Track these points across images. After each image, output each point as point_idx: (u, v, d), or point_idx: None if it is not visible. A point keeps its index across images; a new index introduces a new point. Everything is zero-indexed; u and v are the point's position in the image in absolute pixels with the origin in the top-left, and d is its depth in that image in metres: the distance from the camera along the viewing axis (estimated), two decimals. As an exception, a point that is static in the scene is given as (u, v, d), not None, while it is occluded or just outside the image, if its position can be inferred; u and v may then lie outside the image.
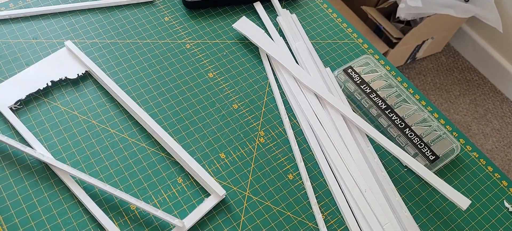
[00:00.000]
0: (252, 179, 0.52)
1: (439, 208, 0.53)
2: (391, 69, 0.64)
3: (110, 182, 0.49)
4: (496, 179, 0.56)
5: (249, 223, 0.49)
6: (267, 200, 0.50)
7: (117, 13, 0.63)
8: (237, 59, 0.61)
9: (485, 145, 1.46)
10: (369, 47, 0.66)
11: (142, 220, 0.47)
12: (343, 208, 0.50)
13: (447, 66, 1.64)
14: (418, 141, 0.55)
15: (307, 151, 0.55)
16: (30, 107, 0.53)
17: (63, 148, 0.50)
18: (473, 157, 0.57)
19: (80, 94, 0.55)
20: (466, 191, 0.54)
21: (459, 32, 1.65)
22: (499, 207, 0.54)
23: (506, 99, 1.58)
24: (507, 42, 1.53)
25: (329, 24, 0.68)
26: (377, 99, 0.58)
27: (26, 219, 0.46)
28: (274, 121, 0.57)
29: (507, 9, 1.47)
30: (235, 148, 0.54)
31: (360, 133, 0.56)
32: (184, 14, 0.65)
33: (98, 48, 0.59)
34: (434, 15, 1.35)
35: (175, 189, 0.50)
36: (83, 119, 0.53)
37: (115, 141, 0.52)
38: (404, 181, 0.54)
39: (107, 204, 0.48)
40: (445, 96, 1.56)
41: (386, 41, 1.42)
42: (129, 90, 0.56)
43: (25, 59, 0.57)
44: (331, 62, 0.64)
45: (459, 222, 0.52)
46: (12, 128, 0.51)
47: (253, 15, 0.66)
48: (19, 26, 0.60)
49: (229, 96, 0.58)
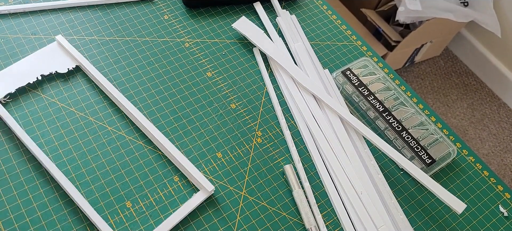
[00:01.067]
0: (248, 179, 0.52)
1: (435, 211, 0.53)
2: (389, 72, 0.64)
3: (106, 180, 0.49)
4: (492, 184, 0.56)
5: (244, 223, 0.49)
6: (263, 200, 0.50)
7: (117, 10, 0.63)
8: (236, 59, 0.62)
9: (482, 150, 1.47)
10: (368, 49, 0.66)
11: (137, 218, 0.47)
12: (339, 210, 0.50)
13: (445, 70, 1.64)
14: (415, 144, 0.55)
15: (304, 152, 0.55)
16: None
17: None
18: (470, 161, 0.58)
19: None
20: (462, 195, 0.55)
21: (457, 37, 1.65)
22: (494, 211, 0.54)
23: (503, 104, 1.59)
24: (505, 47, 1.54)
25: (329, 26, 0.68)
26: (374, 102, 0.58)
27: (21, 213, 0.46)
28: (272, 121, 0.57)
29: (506, 14, 1.47)
30: (232, 148, 0.54)
31: (357, 135, 0.56)
32: (184, 13, 0.65)
33: (97, 45, 0.59)
34: (433, 19, 1.35)
35: (171, 187, 0.50)
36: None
37: (112, 138, 0.52)
38: (400, 184, 0.54)
39: (103, 201, 0.48)
40: (443, 100, 1.56)
41: (385, 44, 1.42)
42: (126, 88, 0.56)
43: (23, 55, 0.56)
44: (330, 64, 0.64)
45: (454, 226, 0.52)
46: (0, 119, 0.51)
47: (252, 15, 0.66)
48: (18, 22, 0.59)
49: (227, 96, 0.58)
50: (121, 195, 0.48)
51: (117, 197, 0.48)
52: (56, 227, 0.45)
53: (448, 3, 1.34)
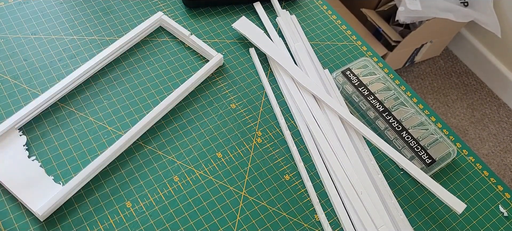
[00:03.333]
0: (248, 179, 0.52)
1: (435, 211, 0.53)
2: (389, 72, 0.64)
3: (106, 180, 0.49)
4: (492, 184, 0.56)
5: (244, 223, 0.49)
6: (263, 200, 0.50)
7: (117, 10, 0.63)
8: (236, 59, 0.61)
9: (482, 150, 1.47)
10: (368, 49, 0.66)
11: (137, 218, 0.47)
12: (339, 210, 0.50)
13: (445, 70, 1.64)
14: (415, 144, 0.55)
15: (304, 152, 0.55)
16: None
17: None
18: (470, 161, 0.58)
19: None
20: (462, 195, 0.55)
21: (457, 37, 1.65)
22: (494, 211, 0.54)
23: (503, 104, 1.59)
24: (505, 47, 1.54)
25: (329, 26, 0.68)
26: (374, 102, 0.58)
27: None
28: (272, 122, 0.57)
29: (506, 14, 1.47)
30: (232, 148, 0.54)
31: (357, 135, 0.56)
32: (184, 13, 0.65)
33: (97, 45, 0.59)
34: (433, 19, 1.35)
35: (171, 187, 0.50)
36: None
37: (112, 138, 0.52)
38: (400, 184, 0.54)
39: (103, 201, 0.48)
40: (443, 100, 1.56)
41: (385, 44, 1.42)
42: (126, 88, 0.56)
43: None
44: (330, 64, 0.64)
45: (454, 226, 0.52)
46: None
47: (252, 15, 0.66)
48: (18, 22, 0.59)
49: (227, 96, 0.58)
50: (121, 195, 0.48)
51: (117, 197, 0.48)
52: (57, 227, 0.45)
53: (448, 3, 1.34)
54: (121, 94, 0.55)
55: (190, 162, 0.52)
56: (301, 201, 0.51)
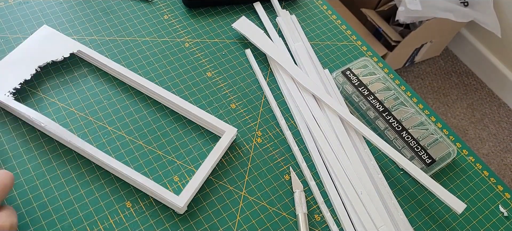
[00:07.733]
0: (248, 179, 0.52)
1: (435, 211, 0.53)
2: (389, 72, 0.64)
3: (105, 180, 0.49)
4: (492, 184, 0.56)
5: (244, 223, 0.49)
6: (263, 200, 0.51)
7: (117, 10, 0.63)
8: (235, 59, 0.62)
9: (482, 149, 1.47)
10: (368, 49, 0.66)
11: (137, 218, 0.47)
12: (339, 210, 0.50)
13: (445, 70, 1.64)
14: (415, 144, 0.55)
15: (304, 152, 0.55)
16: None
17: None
18: (469, 161, 0.58)
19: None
20: (462, 195, 0.55)
21: (457, 37, 1.66)
22: (494, 211, 0.54)
23: (503, 104, 1.59)
24: (505, 47, 1.54)
25: (329, 26, 0.68)
26: (374, 102, 0.58)
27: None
28: (272, 121, 0.57)
29: (505, 14, 1.47)
30: (231, 148, 0.54)
31: (357, 135, 0.56)
32: (184, 13, 0.65)
33: (97, 44, 0.59)
34: (433, 19, 1.35)
35: (171, 187, 0.50)
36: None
37: (112, 138, 0.52)
38: (400, 184, 0.54)
39: (103, 201, 0.48)
40: (443, 100, 1.56)
41: (385, 44, 1.42)
42: (126, 88, 0.56)
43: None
44: (330, 64, 0.64)
45: (454, 226, 0.52)
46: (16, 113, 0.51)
47: (252, 15, 0.66)
48: (18, 21, 0.59)
49: (227, 96, 0.58)
50: (121, 195, 0.48)
51: (117, 197, 0.48)
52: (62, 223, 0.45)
53: (448, 3, 1.35)
54: (121, 94, 0.55)
55: (190, 162, 0.52)
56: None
